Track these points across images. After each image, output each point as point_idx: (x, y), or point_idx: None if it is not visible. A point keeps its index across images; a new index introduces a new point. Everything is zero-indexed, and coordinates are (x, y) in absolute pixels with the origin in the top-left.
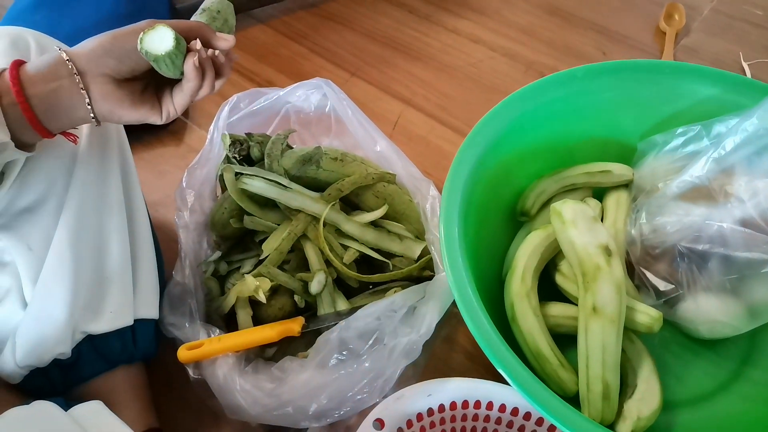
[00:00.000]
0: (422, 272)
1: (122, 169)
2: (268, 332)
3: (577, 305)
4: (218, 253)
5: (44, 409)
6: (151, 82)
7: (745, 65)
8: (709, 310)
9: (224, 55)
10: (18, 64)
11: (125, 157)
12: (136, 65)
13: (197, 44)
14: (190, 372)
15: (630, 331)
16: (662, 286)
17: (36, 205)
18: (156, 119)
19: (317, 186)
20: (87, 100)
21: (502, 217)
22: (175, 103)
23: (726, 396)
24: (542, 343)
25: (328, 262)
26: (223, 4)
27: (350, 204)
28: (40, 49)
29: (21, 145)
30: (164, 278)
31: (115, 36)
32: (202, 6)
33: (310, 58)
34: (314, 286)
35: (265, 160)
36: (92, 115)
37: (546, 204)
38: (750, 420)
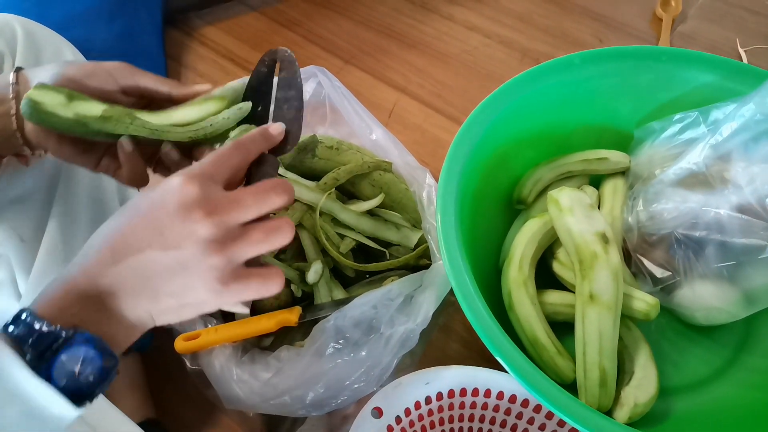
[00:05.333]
0: (419, 261)
1: None
2: (265, 322)
3: (574, 293)
4: None
5: None
6: None
7: (741, 51)
8: (705, 297)
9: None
10: None
11: None
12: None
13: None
14: (188, 363)
15: (627, 318)
16: (659, 273)
17: (26, 195)
18: (85, 166)
19: (313, 175)
20: (14, 127)
21: (498, 205)
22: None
23: (722, 383)
24: (539, 330)
25: (324, 252)
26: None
27: (346, 193)
28: (27, 36)
29: None
30: None
31: (67, 65)
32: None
33: (304, 46)
34: (311, 276)
35: None
36: (21, 141)
37: (543, 192)
38: (745, 406)
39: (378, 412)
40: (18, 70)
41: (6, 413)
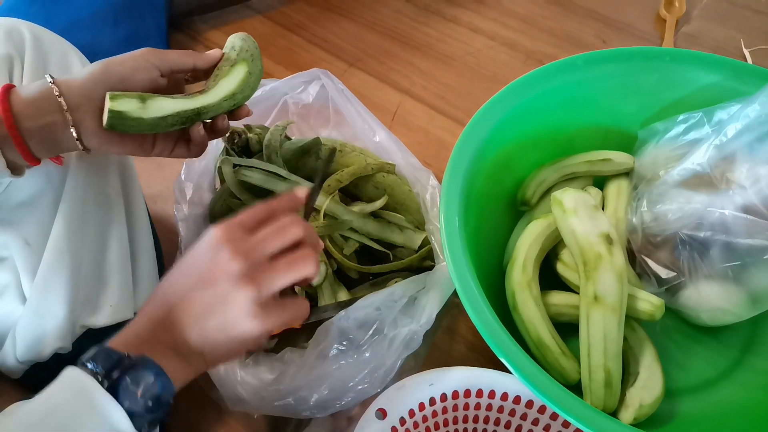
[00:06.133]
0: (423, 262)
1: (120, 162)
2: None
3: (578, 294)
4: None
5: None
6: None
7: (746, 52)
8: (710, 298)
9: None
10: (7, 90)
11: None
12: None
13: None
14: None
15: (632, 319)
16: (664, 273)
17: (33, 198)
18: (143, 155)
19: (316, 177)
20: (75, 136)
21: (502, 207)
22: (172, 153)
23: (727, 384)
24: (544, 332)
25: (328, 254)
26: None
27: (350, 195)
28: (35, 41)
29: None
30: (164, 271)
31: (107, 65)
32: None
33: (308, 49)
34: (315, 277)
35: (264, 152)
36: (81, 147)
37: (546, 193)
38: (751, 408)
39: (382, 414)
40: (51, 77)
41: (88, 427)
